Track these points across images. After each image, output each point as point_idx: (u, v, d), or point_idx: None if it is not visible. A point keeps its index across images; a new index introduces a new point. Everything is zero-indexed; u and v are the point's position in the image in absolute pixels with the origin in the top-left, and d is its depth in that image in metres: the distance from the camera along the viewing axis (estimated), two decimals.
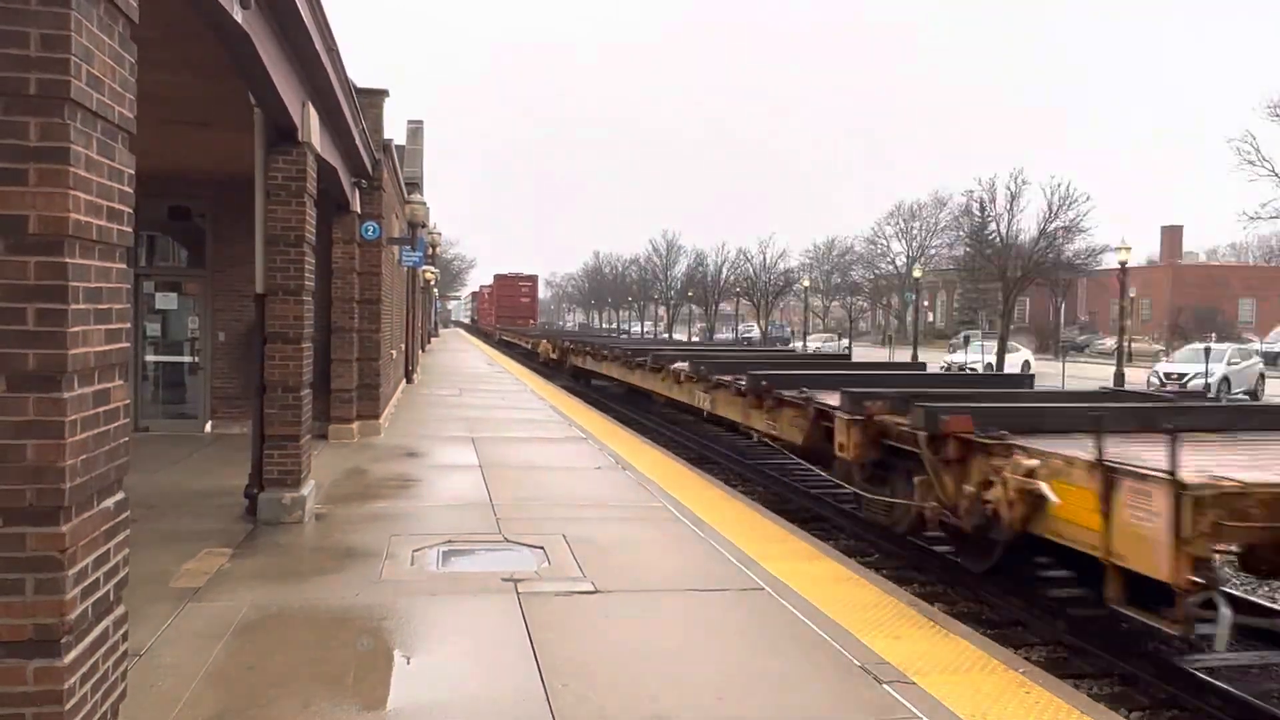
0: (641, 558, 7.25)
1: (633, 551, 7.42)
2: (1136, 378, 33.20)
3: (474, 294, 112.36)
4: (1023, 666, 5.17)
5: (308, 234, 8.37)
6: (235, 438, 12.50)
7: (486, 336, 73.55)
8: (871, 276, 77.94)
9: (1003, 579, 8.09)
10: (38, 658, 2.96)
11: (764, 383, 11.70)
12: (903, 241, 78.07)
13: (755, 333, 68.94)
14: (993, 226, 41.48)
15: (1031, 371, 40.52)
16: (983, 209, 42.28)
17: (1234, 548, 6.14)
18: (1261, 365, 35.94)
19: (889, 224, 78.61)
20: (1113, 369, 32.97)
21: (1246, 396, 32.09)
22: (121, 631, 3.48)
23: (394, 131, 28.13)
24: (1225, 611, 5.27)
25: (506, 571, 6.69)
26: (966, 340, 45.25)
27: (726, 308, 77.19)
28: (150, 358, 13.61)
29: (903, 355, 46.57)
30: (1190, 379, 31.62)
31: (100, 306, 3.19)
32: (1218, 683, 6.09)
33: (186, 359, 13.80)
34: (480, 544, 7.60)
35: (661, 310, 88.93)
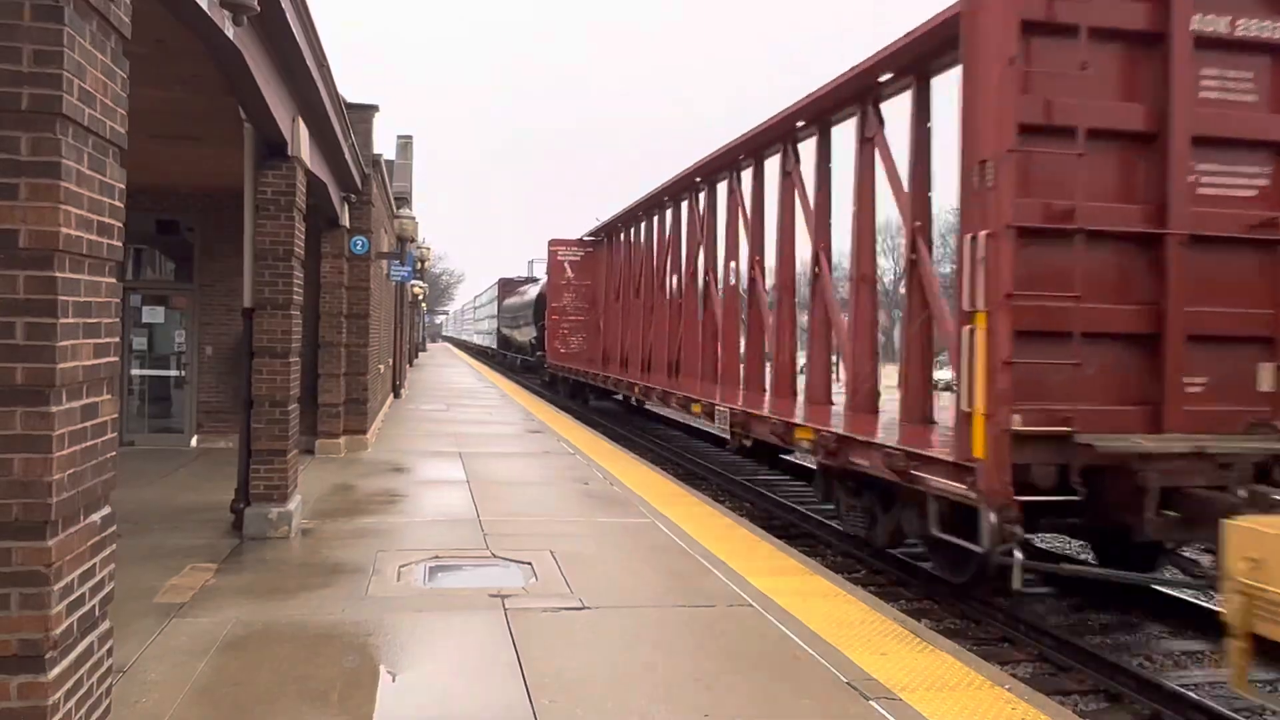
0: (629, 574, 7.24)
1: (620, 567, 7.42)
2: None
3: (504, 282, 52.44)
4: (1009, 683, 5.18)
5: (297, 248, 8.37)
6: (221, 452, 12.45)
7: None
8: None
9: None
10: (22, 673, 2.95)
11: None
12: (889, 258, 78.33)
13: None
14: None
15: None
16: None
17: None
18: None
19: (877, 238, 78.75)
20: None
21: None
22: (106, 647, 3.47)
23: (383, 146, 28.06)
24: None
25: (494, 587, 6.67)
26: None
27: None
28: (136, 371, 13.55)
29: (890, 370, 46.54)
30: None
31: (90, 320, 3.20)
32: (1202, 699, 6.12)
33: (172, 373, 13.75)
34: (467, 560, 7.58)
35: None
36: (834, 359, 13.12)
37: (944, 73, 9.49)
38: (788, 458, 14.59)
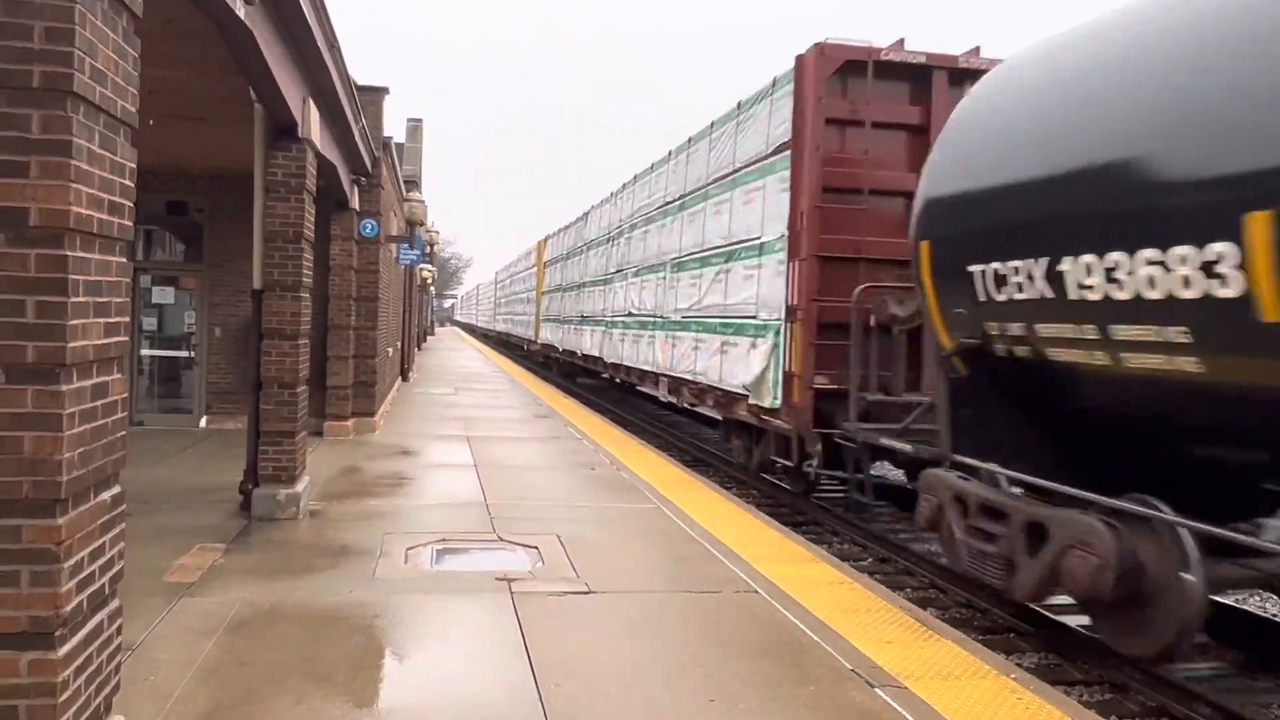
0: (636, 559, 7.25)
1: (627, 553, 7.43)
2: None
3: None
4: (1014, 673, 5.18)
5: (306, 231, 8.37)
6: (230, 433, 12.49)
7: None
8: None
9: None
10: (32, 650, 2.96)
11: None
12: None
13: None
14: None
15: None
16: None
17: None
18: None
19: None
20: None
21: None
22: (116, 625, 3.48)
23: (393, 129, 28.04)
24: None
25: (500, 571, 6.69)
26: None
27: None
28: (146, 351, 13.60)
29: None
30: None
31: (100, 300, 3.20)
32: (1209, 693, 6.10)
33: (182, 354, 13.80)
34: (474, 543, 7.61)
35: None
36: None
37: None
38: None
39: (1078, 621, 7.44)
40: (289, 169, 8.17)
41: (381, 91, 15.34)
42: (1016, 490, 6.96)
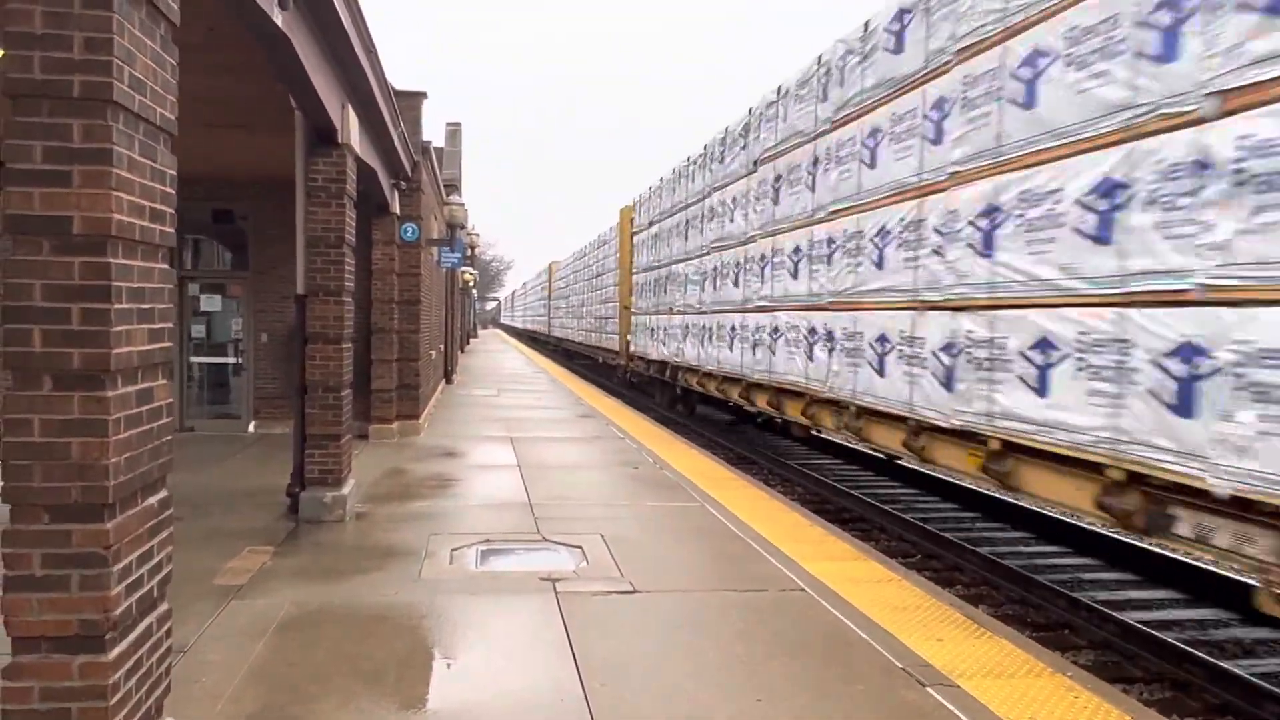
0: (679, 558, 7.21)
1: (671, 551, 7.39)
2: None
3: None
4: (1070, 670, 5.05)
5: (348, 235, 8.44)
6: (277, 437, 12.66)
7: None
8: None
9: None
10: (83, 653, 3.00)
11: None
12: None
13: None
14: None
15: None
16: None
17: None
18: None
19: None
20: None
21: None
22: (165, 627, 3.52)
23: (432, 133, 28.13)
24: None
25: (545, 571, 6.69)
26: None
27: None
28: (195, 359, 13.85)
29: None
30: None
31: (143, 306, 3.23)
32: (1275, 689, 5.91)
33: (230, 360, 14.03)
34: (518, 543, 7.61)
35: None
36: None
37: None
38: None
39: (1137, 617, 7.26)
40: (329, 174, 8.25)
41: (420, 96, 15.44)
42: None
